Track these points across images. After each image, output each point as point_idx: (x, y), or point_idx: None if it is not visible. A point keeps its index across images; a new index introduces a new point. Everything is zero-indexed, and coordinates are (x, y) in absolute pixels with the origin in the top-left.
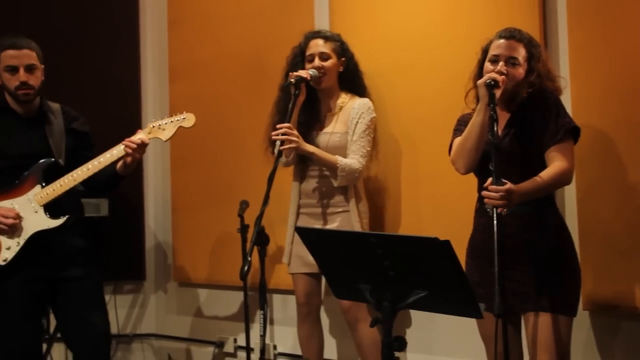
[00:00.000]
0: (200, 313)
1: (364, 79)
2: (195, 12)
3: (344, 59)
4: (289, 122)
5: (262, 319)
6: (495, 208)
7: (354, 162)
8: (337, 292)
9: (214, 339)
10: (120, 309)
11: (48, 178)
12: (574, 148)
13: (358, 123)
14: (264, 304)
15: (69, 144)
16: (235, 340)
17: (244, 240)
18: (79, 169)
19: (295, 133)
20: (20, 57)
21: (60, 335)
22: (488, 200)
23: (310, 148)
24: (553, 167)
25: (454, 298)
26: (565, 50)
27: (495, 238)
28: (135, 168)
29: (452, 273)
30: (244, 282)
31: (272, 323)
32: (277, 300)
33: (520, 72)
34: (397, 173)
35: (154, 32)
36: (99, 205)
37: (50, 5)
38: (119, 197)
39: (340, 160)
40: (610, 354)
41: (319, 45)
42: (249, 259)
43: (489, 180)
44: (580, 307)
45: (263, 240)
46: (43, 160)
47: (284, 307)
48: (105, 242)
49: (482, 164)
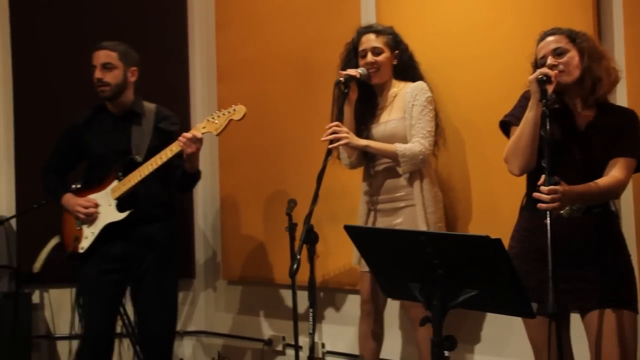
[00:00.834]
0: (249, 311)
1: (420, 69)
2: (242, 12)
3: (398, 52)
4: (340, 120)
5: (311, 317)
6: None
7: (414, 144)
8: (386, 290)
9: (263, 337)
10: None
11: (126, 174)
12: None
13: (414, 105)
14: (313, 303)
15: (155, 143)
16: (284, 339)
17: (292, 239)
18: (145, 165)
19: (344, 129)
20: (98, 56)
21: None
22: (541, 205)
23: (363, 142)
24: (610, 177)
25: (506, 297)
26: (621, 44)
27: (549, 238)
28: (197, 168)
29: (503, 272)
30: (293, 280)
31: (320, 321)
32: (325, 299)
33: (573, 56)
34: (458, 166)
35: (202, 32)
36: None
37: (102, 9)
38: None
39: (399, 146)
40: None
41: (371, 40)
42: (298, 258)
43: (542, 178)
44: None
45: (312, 239)
46: (124, 157)
47: (333, 305)
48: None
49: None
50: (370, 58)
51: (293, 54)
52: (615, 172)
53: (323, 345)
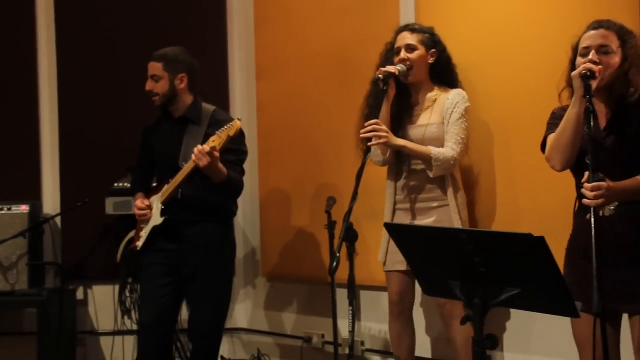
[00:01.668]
0: (288, 308)
1: (457, 73)
2: (281, 10)
3: (435, 51)
4: (378, 118)
5: (350, 315)
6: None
7: (448, 150)
8: (427, 289)
9: (302, 334)
10: None
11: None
12: None
13: (453, 112)
14: (353, 300)
15: None
16: (323, 336)
17: (332, 237)
18: (179, 174)
19: (384, 128)
20: (149, 68)
21: None
22: (585, 201)
23: (401, 142)
24: None
25: (549, 296)
26: None
27: (593, 234)
28: (220, 178)
29: (547, 270)
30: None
31: (360, 319)
32: (365, 297)
33: (616, 60)
34: (490, 167)
35: (241, 31)
36: None
37: (142, 8)
38: None
39: (434, 150)
40: None
41: (406, 38)
42: (338, 256)
43: (586, 175)
44: None
45: (352, 237)
46: (179, 163)
47: (372, 303)
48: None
49: (578, 161)
50: (403, 55)
51: (332, 52)
52: None
53: (362, 343)
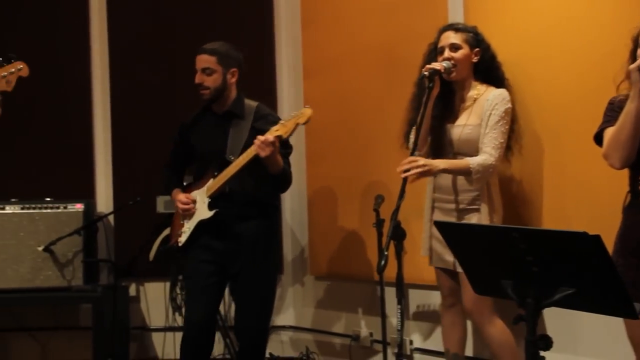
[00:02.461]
0: (337, 306)
1: (503, 70)
2: (328, 9)
3: (478, 50)
4: (423, 115)
5: (399, 314)
6: None
7: (486, 157)
8: (477, 287)
9: (350, 333)
10: None
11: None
12: None
13: (491, 115)
14: (401, 299)
15: (250, 142)
16: (372, 334)
17: (380, 235)
18: (230, 167)
19: (420, 162)
20: (199, 61)
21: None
22: None
23: (441, 165)
24: None
25: (605, 296)
26: None
27: None
28: (278, 169)
29: (602, 270)
30: (381, 276)
31: (408, 318)
32: (413, 295)
33: None
34: (540, 166)
35: (289, 30)
36: None
37: (190, 8)
38: None
39: (472, 162)
40: None
41: (450, 37)
42: (386, 254)
43: None
44: None
45: (399, 235)
46: (220, 157)
47: (420, 301)
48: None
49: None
50: (447, 54)
51: (379, 50)
52: None
53: (411, 342)
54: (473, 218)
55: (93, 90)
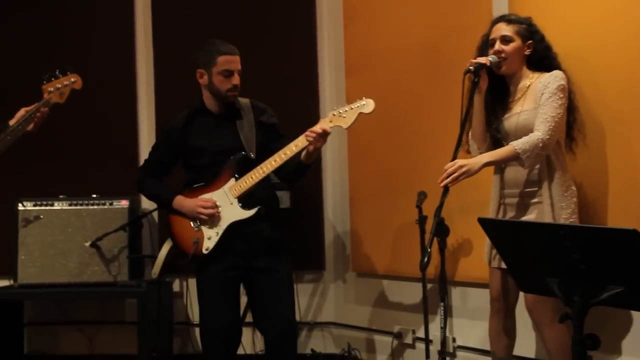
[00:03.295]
0: (379, 303)
1: (559, 61)
2: (370, 4)
3: (531, 42)
4: (469, 111)
5: (442, 311)
6: None
7: (532, 134)
8: (522, 285)
9: (392, 330)
10: (302, 298)
11: (241, 171)
12: None
13: (544, 93)
14: (445, 296)
15: (259, 137)
16: (414, 332)
17: (423, 232)
18: (267, 162)
19: (457, 165)
20: (235, 62)
21: (252, 320)
22: None
23: (483, 159)
24: None
25: None
26: None
27: None
28: (315, 160)
29: None
30: (424, 273)
31: (451, 315)
32: (456, 293)
33: None
34: (603, 160)
35: (330, 26)
36: (282, 198)
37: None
38: (300, 189)
39: (516, 145)
40: None
41: (501, 29)
42: (429, 251)
43: None
44: None
45: (443, 232)
46: (236, 155)
47: (463, 299)
48: (288, 233)
49: None
50: (498, 46)
51: (422, 45)
52: None
53: (454, 340)
54: (538, 213)
55: (138, 91)
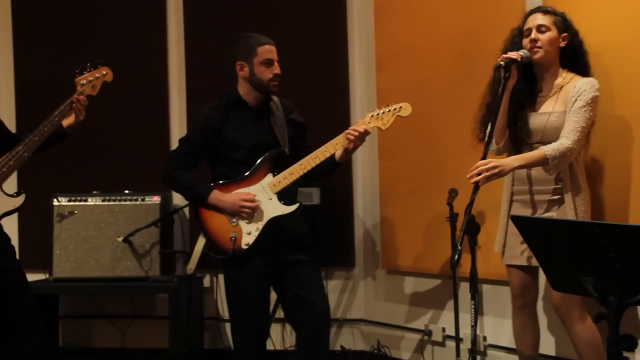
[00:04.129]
0: (408, 300)
1: (588, 59)
2: (401, 0)
3: (567, 35)
4: (498, 107)
5: (472, 309)
6: None
7: (562, 141)
8: (555, 284)
9: (422, 327)
10: (331, 295)
11: (277, 167)
12: None
13: (577, 100)
14: (475, 294)
15: (290, 134)
16: (444, 330)
17: (453, 229)
18: (307, 158)
19: (491, 165)
20: (275, 52)
21: (284, 314)
22: None
23: (515, 163)
24: None
25: None
26: None
27: None
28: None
29: None
30: (454, 271)
31: (482, 313)
32: (486, 291)
33: None
34: (627, 158)
35: (361, 23)
36: (312, 194)
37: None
38: (330, 186)
39: (547, 150)
40: None
41: (537, 18)
42: (460, 248)
43: None
44: None
45: (473, 229)
46: (272, 150)
47: (494, 297)
48: (317, 229)
49: None
50: (534, 35)
51: (453, 41)
52: None
53: (484, 338)
54: (555, 210)
55: (170, 88)
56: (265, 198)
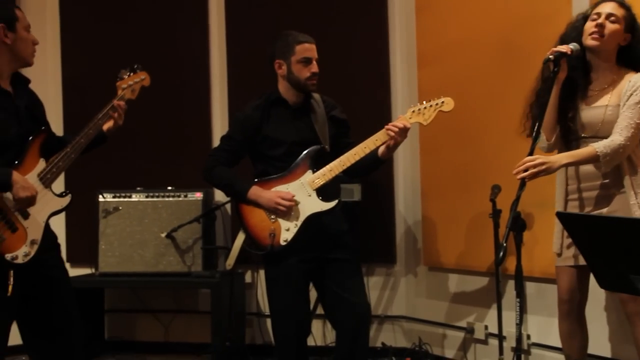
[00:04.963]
0: (450, 297)
1: None
2: None
3: (630, 35)
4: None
5: (517, 307)
6: None
7: (614, 137)
8: (602, 282)
9: (464, 325)
10: (372, 291)
11: (317, 164)
12: None
13: (632, 95)
14: (520, 292)
15: (331, 131)
16: (487, 327)
17: (496, 226)
18: (346, 155)
19: (538, 161)
20: (313, 50)
21: (324, 312)
22: None
23: (563, 160)
24: None
25: None
26: None
27: None
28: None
29: None
30: (498, 269)
31: (526, 312)
32: (530, 289)
33: None
34: None
35: (402, 19)
36: (353, 191)
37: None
38: (371, 182)
39: (598, 147)
40: None
41: (611, 6)
42: (505, 246)
43: None
44: None
45: (519, 226)
46: (312, 147)
47: (538, 296)
48: (358, 226)
49: None
50: (602, 20)
51: (496, 36)
52: None
53: (528, 337)
54: (604, 207)
55: (211, 86)
56: (305, 195)
